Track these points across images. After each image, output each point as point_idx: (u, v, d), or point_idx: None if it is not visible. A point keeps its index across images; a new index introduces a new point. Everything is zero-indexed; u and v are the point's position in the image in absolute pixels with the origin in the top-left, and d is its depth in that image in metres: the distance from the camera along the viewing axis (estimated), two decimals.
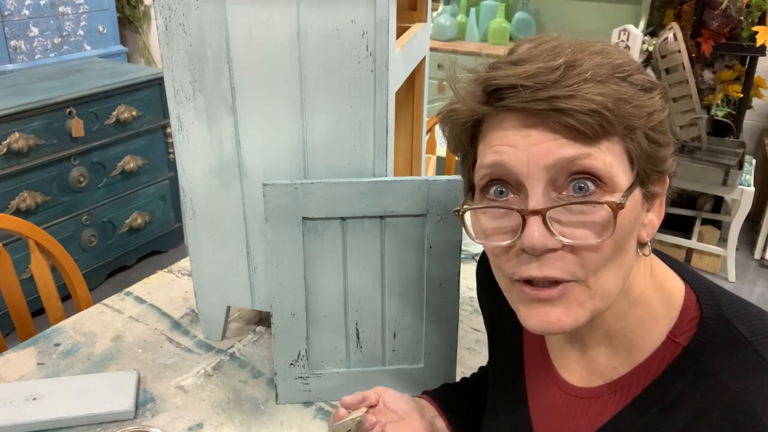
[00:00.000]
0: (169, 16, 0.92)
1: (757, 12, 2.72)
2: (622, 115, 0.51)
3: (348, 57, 0.87)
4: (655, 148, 0.54)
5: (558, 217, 0.52)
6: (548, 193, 0.53)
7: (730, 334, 0.55)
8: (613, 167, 0.52)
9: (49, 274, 1.34)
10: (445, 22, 3.22)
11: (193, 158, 1.01)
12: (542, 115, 0.51)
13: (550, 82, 0.51)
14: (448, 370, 1.00)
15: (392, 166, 0.95)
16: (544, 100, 0.51)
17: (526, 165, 0.52)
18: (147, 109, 2.68)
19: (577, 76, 0.51)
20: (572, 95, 0.50)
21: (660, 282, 0.60)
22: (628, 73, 0.53)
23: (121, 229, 2.72)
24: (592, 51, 0.53)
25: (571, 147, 0.51)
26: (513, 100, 0.52)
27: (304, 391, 1.00)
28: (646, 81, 0.54)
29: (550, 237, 0.52)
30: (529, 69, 0.52)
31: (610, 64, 0.52)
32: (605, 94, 0.50)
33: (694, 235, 2.95)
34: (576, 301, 0.54)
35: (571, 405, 0.64)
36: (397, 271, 0.94)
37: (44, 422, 0.94)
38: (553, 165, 0.51)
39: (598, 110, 0.50)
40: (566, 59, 0.51)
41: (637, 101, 0.52)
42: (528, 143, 0.52)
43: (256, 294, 1.08)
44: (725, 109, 3.04)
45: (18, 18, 3.23)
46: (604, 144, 0.51)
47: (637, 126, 0.52)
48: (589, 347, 0.63)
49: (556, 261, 0.53)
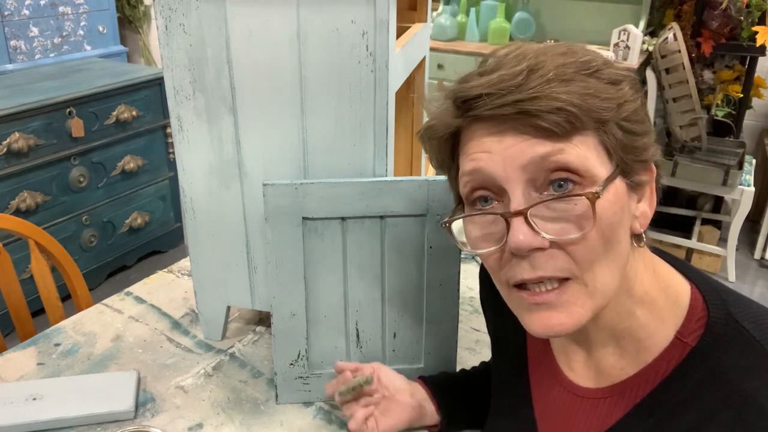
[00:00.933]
0: (169, 16, 0.92)
1: (757, 12, 2.72)
2: (591, 109, 0.52)
3: (348, 57, 0.87)
4: (631, 138, 0.55)
5: (540, 215, 0.53)
6: (528, 193, 0.54)
7: (738, 333, 0.55)
8: (588, 160, 0.53)
9: (49, 274, 1.34)
10: (445, 22, 3.22)
11: (193, 158, 1.01)
12: (511, 119, 0.53)
13: (514, 87, 0.52)
14: (447, 370, 1.00)
15: (392, 166, 0.95)
16: (510, 105, 0.52)
17: (503, 168, 0.54)
18: (147, 109, 2.68)
19: (540, 78, 0.52)
20: (536, 96, 0.51)
21: (665, 282, 0.60)
22: (594, 68, 0.54)
23: (121, 229, 2.72)
24: (555, 53, 0.55)
25: (543, 145, 0.52)
26: (481, 108, 0.54)
27: (304, 391, 1.00)
28: (613, 74, 0.55)
29: (535, 236, 0.53)
30: (492, 78, 0.53)
31: (574, 63, 0.54)
32: (570, 91, 0.52)
33: (694, 235, 2.95)
34: (575, 302, 0.54)
35: (578, 406, 0.64)
36: (397, 271, 0.94)
37: (44, 422, 0.94)
38: (528, 164, 0.53)
39: (564, 107, 0.51)
40: (528, 63, 0.53)
41: (605, 94, 0.53)
42: (502, 147, 0.54)
43: (256, 294, 1.08)
44: (725, 109, 3.04)
45: (18, 18, 3.23)
46: (576, 139, 0.53)
47: (607, 118, 0.53)
48: (596, 347, 0.63)
49: (547, 260, 0.53)
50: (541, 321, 0.55)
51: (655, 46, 2.54)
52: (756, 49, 2.69)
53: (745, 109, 2.97)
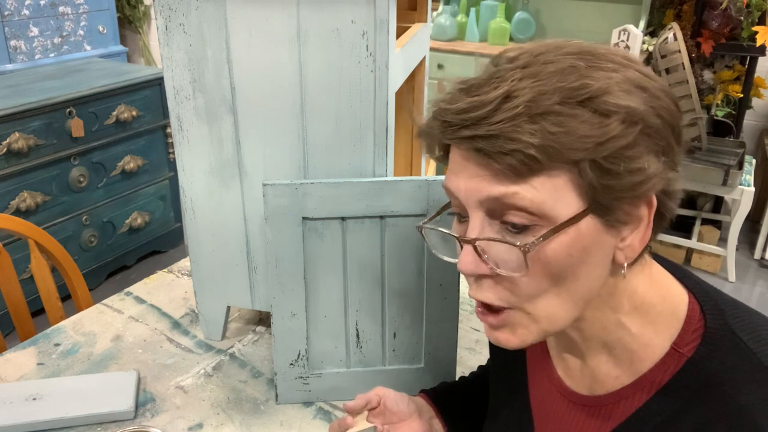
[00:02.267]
0: (169, 16, 0.92)
1: (757, 12, 2.72)
2: (558, 150, 0.48)
3: (348, 57, 0.87)
4: (611, 178, 0.50)
5: (487, 247, 0.54)
6: (488, 220, 0.54)
7: (735, 345, 0.54)
8: (545, 203, 0.50)
9: (49, 274, 1.34)
10: (445, 22, 3.22)
11: (193, 158, 1.01)
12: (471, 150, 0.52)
13: (475, 120, 0.50)
14: (448, 370, 1.00)
15: (392, 166, 0.95)
16: (467, 139, 0.51)
17: (464, 195, 0.54)
18: (147, 109, 2.68)
19: (508, 112, 0.49)
20: (494, 135, 0.49)
21: (663, 291, 0.59)
22: (586, 96, 0.49)
23: (121, 229, 2.72)
24: (551, 72, 0.50)
25: (498, 185, 0.51)
26: (445, 135, 0.53)
27: (303, 391, 1.00)
28: (609, 104, 0.49)
29: (480, 264, 0.54)
30: (462, 104, 0.51)
31: (561, 89, 0.49)
32: (535, 130, 0.48)
33: (694, 235, 2.95)
34: (518, 325, 0.56)
35: (575, 413, 0.64)
36: (397, 271, 0.94)
37: (44, 422, 0.94)
38: (485, 200, 0.52)
39: (521, 150, 0.48)
40: (506, 89, 0.50)
41: (583, 131, 0.48)
42: (466, 174, 0.53)
43: (256, 294, 1.08)
44: (725, 109, 3.04)
45: (18, 18, 3.23)
46: (535, 180, 0.50)
47: (579, 158, 0.49)
48: (589, 356, 0.62)
49: (489, 287, 0.55)
50: (492, 335, 0.58)
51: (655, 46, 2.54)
52: (756, 49, 2.69)
53: (745, 109, 2.97)
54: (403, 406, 0.80)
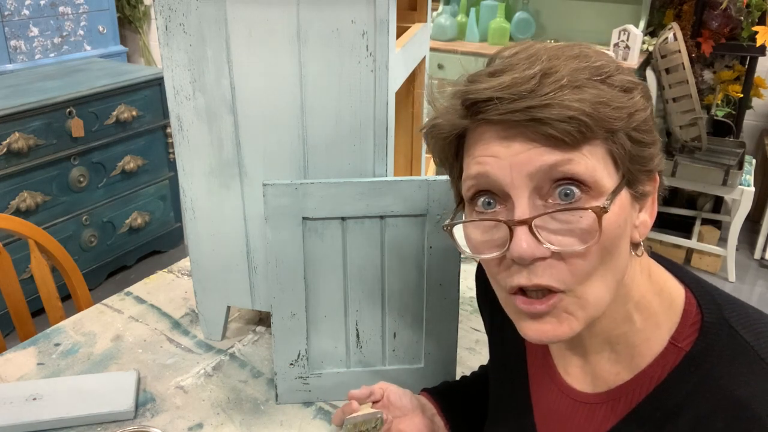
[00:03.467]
0: (169, 16, 0.92)
1: (757, 12, 2.72)
2: (602, 119, 0.51)
3: (348, 57, 0.87)
4: (639, 148, 0.54)
5: (545, 225, 0.53)
6: (534, 201, 0.53)
7: (732, 338, 0.55)
8: (596, 170, 0.52)
9: (49, 274, 1.34)
10: (445, 22, 3.22)
11: (193, 158, 1.01)
12: (520, 125, 0.52)
13: (526, 92, 0.51)
14: (448, 370, 1.00)
15: (392, 166, 0.95)
16: (521, 111, 0.51)
17: (510, 174, 0.53)
18: (147, 109, 2.68)
19: (553, 84, 0.51)
20: (548, 104, 0.50)
21: (659, 286, 0.60)
22: (607, 74, 0.53)
23: (121, 229, 2.72)
24: (568, 56, 0.53)
25: (552, 154, 0.51)
26: (490, 113, 0.52)
27: (304, 391, 1.00)
28: (626, 81, 0.53)
29: (538, 245, 0.52)
30: (504, 80, 0.52)
31: (587, 68, 0.52)
32: (583, 99, 0.50)
33: (694, 235, 2.95)
34: (569, 313, 0.54)
35: (576, 410, 0.64)
36: (397, 271, 0.94)
37: (44, 422, 0.94)
38: (536, 172, 0.52)
39: (576, 117, 0.50)
40: (542, 67, 0.51)
41: (617, 103, 0.51)
42: (510, 153, 0.52)
43: (256, 294, 1.08)
44: (725, 109, 3.04)
45: (18, 18, 3.23)
46: (585, 148, 0.51)
47: (618, 128, 0.52)
48: (591, 353, 0.62)
49: (545, 269, 0.53)
50: (535, 328, 0.55)
51: (655, 46, 2.54)
52: (756, 49, 2.69)
53: (745, 109, 2.97)
54: (406, 401, 0.81)
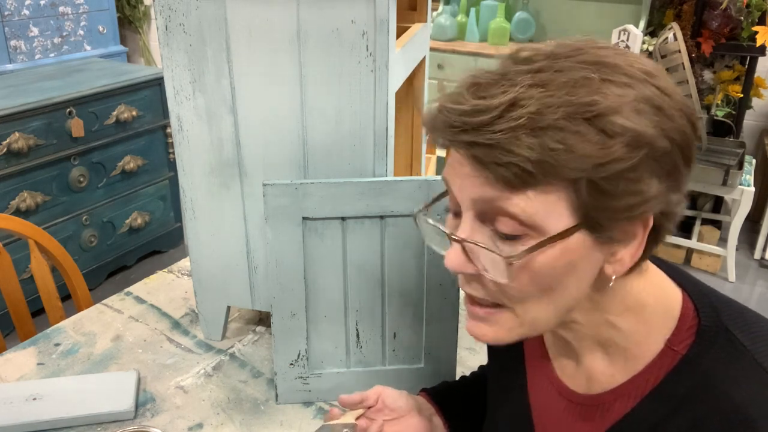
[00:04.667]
0: (169, 16, 0.92)
1: (757, 12, 2.72)
2: (555, 167, 0.47)
3: (348, 57, 0.87)
4: (606, 199, 0.49)
5: (475, 249, 0.54)
6: (479, 221, 0.54)
7: (728, 342, 0.55)
8: (537, 214, 0.50)
9: (49, 274, 1.34)
10: (445, 22, 3.22)
11: (193, 158, 1.01)
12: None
13: (477, 125, 0.49)
14: (448, 370, 1.00)
15: (392, 166, 0.95)
16: (465, 144, 0.50)
17: (459, 192, 0.54)
18: (147, 109, 2.68)
19: (510, 122, 0.47)
20: (492, 145, 0.48)
21: (656, 289, 0.59)
22: (594, 113, 0.47)
23: (121, 229, 2.72)
24: (562, 82, 0.49)
25: (492, 189, 0.50)
26: (443, 133, 0.52)
27: (304, 391, 1.00)
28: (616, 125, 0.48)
29: (467, 264, 0.54)
30: (466, 106, 0.50)
31: (569, 103, 0.48)
32: (533, 145, 0.47)
33: (694, 235, 2.95)
34: (503, 324, 0.57)
35: (573, 411, 0.64)
36: (397, 271, 0.94)
37: (44, 422, 0.94)
38: (477, 200, 0.52)
39: (517, 164, 0.47)
40: (513, 96, 0.48)
41: (584, 150, 0.47)
42: (462, 173, 0.53)
43: (256, 294, 1.08)
44: (725, 109, 3.04)
45: (18, 18, 3.23)
46: (530, 191, 0.49)
47: (575, 177, 0.48)
48: (583, 354, 0.62)
49: (479, 284, 0.56)
50: (471, 327, 0.59)
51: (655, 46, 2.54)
52: (756, 49, 2.69)
53: (745, 109, 2.97)
54: (401, 403, 0.81)
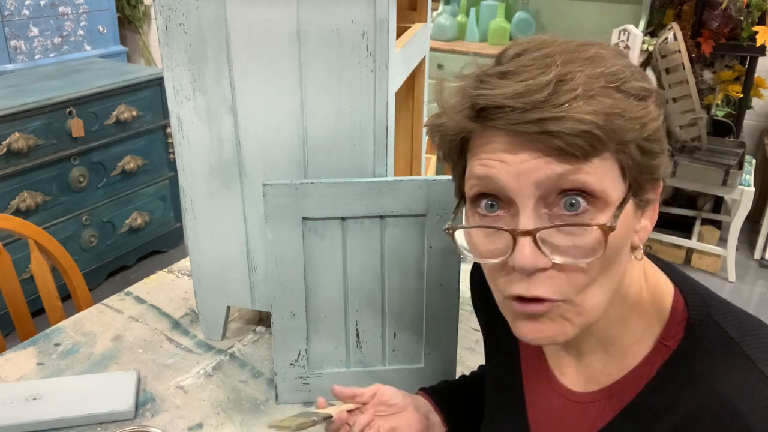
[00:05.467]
0: (169, 16, 0.92)
1: (757, 12, 2.72)
2: (614, 131, 0.49)
3: (348, 57, 0.87)
4: (648, 159, 0.52)
5: (548, 237, 0.52)
6: (539, 210, 0.52)
7: (717, 335, 0.55)
8: (604, 182, 0.50)
9: (49, 274, 1.34)
10: (445, 22, 3.22)
11: (193, 158, 1.01)
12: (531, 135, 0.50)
13: (539, 102, 0.49)
14: (448, 370, 1.00)
15: (392, 166, 0.95)
16: (533, 122, 0.49)
17: (516, 181, 0.51)
18: (147, 109, 2.68)
19: (567, 94, 0.49)
20: (562, 116, 0.48)
21: (652, 285, 0.60)
22: (622, 81, 0.51)
23: (121, 229, 2.72)
24: (583, 59, 0.51)
25: (561, 164, 0.50)
26: (501, 121, 0.51)
27: (304, 391, 1.00)
28: (640, 88, 0.52)
29: (540, 256, 0.51)
30: (517, 88, 0.50)
31: (602, 74, 0.50)
32: (596, 111, 0.48)
33: (694, 235, 2.95)
34: (565, 318, 0.54)
35: (569, 410, 0.64)
36: (397, 271, 0.94)
37: (44, 422, 0.94)
38: (544, 181, 0.50)
39: (589, 131, 0.48)
40: (556, 73, 0.49)
41: (630, 114, 0.50)
42: (518, 160, 0.51)
43: (256, 294, 1.08)
44: (725, 109, 3.04)
45: (18, 18, 3.23)
46: (595, 160, 0.50)
47: (629, 140, 0.50)
48: (585, 354, 0.63)
49: (544, 280, 0.52)
50: (530, 329, 0.55)
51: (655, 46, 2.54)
52: (756, 49, 2.69)
53: (745, 109, 2.97)
54: (398, 400, 0.82)
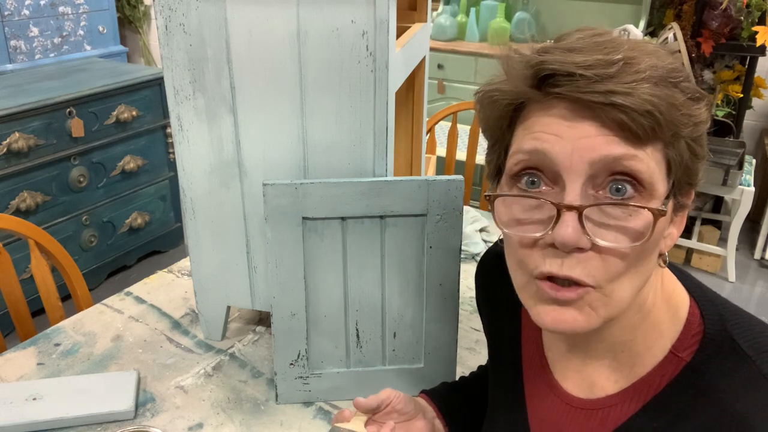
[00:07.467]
0: (169, 16, 0.92)
1: (757, 12, 2.72)
2: (672, 122, 0.49)
3: (348, 57, 0.87)
4: (694, 160, 0.53)
5: (593, 216, 0.50)
6: (586, 189, 0.51)
7: (732, 351, 0.54)
8: (654, 173, 0.50)
9: (49, 274, 1.34)
10: (445, 22, 3.22)
11: (193, 158, 1.01)
12: (596, 108, 0.49)
13: (608, 76, 0.48)
14: (448, 370, 1.00)
15: (392, 166, 0.95)
16: (602, 93, 0.48)
17: (569, 157, 0.50)
18: (147, 109, 2.68)
19: (635, 74, 0.48)
20: (630, 92, 0.48)
21: (668, 294, 0.59)
22: (679, 79, 0.51)
23: (121, 229, 2.72)
24: (646, 51, 0.51)
25: (619, 146, 0.49)
26: (568, 88, 0.50)
27: (304, 391, 1.00)
28: (695, 90, 0.52)
29: (583, 235, 0.50)
30: (587, 59, 0.49)
31: (663, 68, 0.50)
32: (659, 96, 0.48)
33: (694, 235, 2.95)
34: (593, 306, 0.53)
35: (571, 416, 0.63)
36: (397, 271, 0.94)
37: (44, 422, 0.94)
38: (598, 161, 0.49)
39: (653, 112, 0.48)
40: (624, 55, 0.49)
41: (686, 109, 0.50)
42: (575, 135, 0.50)
43: (256, 294, 1.08)
44: (725, 109, 3.04)
45: (18, 18, 3.23)
46: (649, 148, 0.50)
47: (682, 134, 0.51)
48: (592, 359, 0.62)
49: (580, 262, 0.51)
50: (554, 315, 0.53)
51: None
52: (756, 49, 2.69)
53: (745, 109, 2.96)
54: (410, 407, 0.81)
